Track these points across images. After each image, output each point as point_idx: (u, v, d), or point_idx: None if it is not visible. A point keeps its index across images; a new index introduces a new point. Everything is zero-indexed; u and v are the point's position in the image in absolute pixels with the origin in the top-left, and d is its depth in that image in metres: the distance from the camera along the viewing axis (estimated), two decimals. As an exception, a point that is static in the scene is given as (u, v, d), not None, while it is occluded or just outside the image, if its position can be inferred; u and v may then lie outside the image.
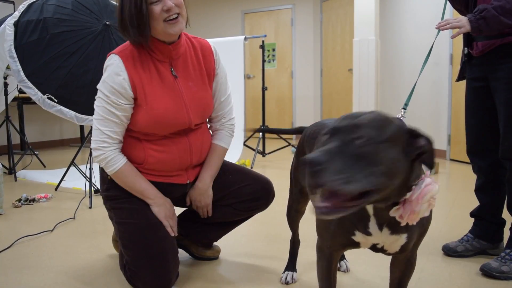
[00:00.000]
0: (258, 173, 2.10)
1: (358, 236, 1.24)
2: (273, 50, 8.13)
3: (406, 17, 6.00)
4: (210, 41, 2.00)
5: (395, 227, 1.19)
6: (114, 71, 1.74)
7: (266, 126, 6.17)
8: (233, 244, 2.45)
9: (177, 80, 1.84)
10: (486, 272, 1.95)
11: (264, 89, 5.49)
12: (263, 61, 5.55)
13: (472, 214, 2.28)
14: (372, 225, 1.20)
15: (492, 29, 1.86)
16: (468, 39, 2.13)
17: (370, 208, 1.17)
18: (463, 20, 1.90)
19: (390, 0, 6.31)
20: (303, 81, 8.00)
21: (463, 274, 2.01)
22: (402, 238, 1.22)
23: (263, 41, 5.48)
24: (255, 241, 2.50)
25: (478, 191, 2.23)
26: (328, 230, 1.29)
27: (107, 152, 1.78)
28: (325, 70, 7.73)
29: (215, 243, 2.26)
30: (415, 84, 1.87)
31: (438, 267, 2.11)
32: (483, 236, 2.20)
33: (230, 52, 4.91)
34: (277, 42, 8.10)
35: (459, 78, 2.25)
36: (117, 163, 1.78)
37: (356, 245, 1.28)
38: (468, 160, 2.20)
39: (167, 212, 1.85)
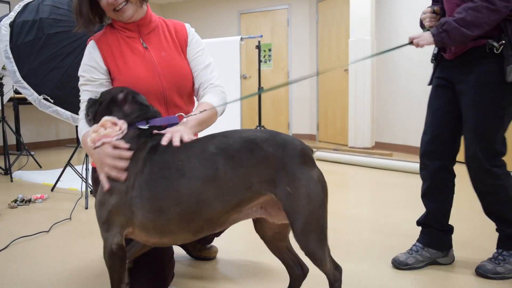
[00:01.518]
0: None
1: None
2: (269, 50, 8.14)
3: (402, 18, 6.02)
4: (206, 41, 2.05)
5: None
6: (87, 51, 1.89)
7: (262, 126, 6.17)
8: (230, 243, 2.45)
9: (148, 50, 1.89)
10: (482, 275, 1.95)
11: (260, 89, 5.50)
12: (259, 61, 5.56)
13: (418, 223, 2.21)
14: None
15: (455, 41, 1.84)
16: None
17: None
18: (426, 35, 1.91)
19: (385, 1, 6.33)
20: (299, 82, 8.01)
21: (457, 278, 2.00)
22: None
23: (259, 42, 5.49)
24: (251, 241, 2.50)
25: (424, 197, 2.16)
26: None
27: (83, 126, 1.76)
28: (321, 70, 7.75)
29: (212, 244, 2.27)
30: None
31: (433, 273, 2.12)
32: (432, 245, 2.12)
33: (226, 53, 4.92)
34: (273, 43, 8.11)
35: (431, 82, 2.20)
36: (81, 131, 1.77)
37: None
38: (464, 160, 2.13)
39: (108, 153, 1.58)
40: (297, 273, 1.71)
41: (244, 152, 1.41)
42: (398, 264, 2.10)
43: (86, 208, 3.23)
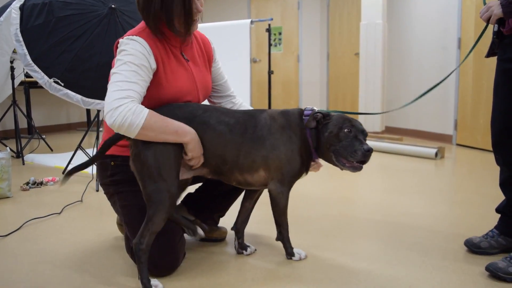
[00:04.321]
0: None
1: (304, 173, 1.92)
2: (280, 34, 8.08)
3: (414, 1, 5.93)
4: (216, 24, 2.11)
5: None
6: (137, 46, 1.75)
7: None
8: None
9: (189, 63, 1.96)
10: (492, 272, 1.81)
11: (270, 73, 5.47)
12: (269, 45, 5.51)
13: (497, 210, 2.11)
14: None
15: None
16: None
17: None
18: (494, 5, 1.80)
19: (398, -17, 6.23)
20: (309, 65, 7.96)
21: (465, 274, 1.97)
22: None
23: (269, 25, 5.43)
24: (261, 223, 2.51)
25: (503, 186, 2.04)
26: (297, 169, 1.86)
27: (130, 103, 1.62)
28: (332, 54, 7.69)
29: (220, 225, 2.29)
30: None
31: (439, 264, 2.12)
32: (509, 233, 2.03)
33: (236, 36, 4.88)
34: (283, 26, 8.04)
35: (489, 54, 2.02)
36: (143, 110, 1.64)
37: (299, 178, 1.92)
38: (474, 145, 2.07)
39: (200, 150, 1.78)
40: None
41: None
42: (471, 246, 2.07)
43: (97, 190, 3.26)
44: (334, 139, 1.79)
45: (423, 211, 2.75)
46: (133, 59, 1.72)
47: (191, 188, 2.14)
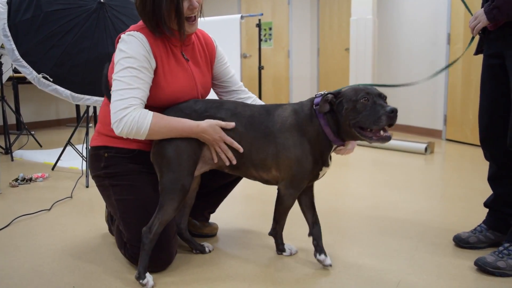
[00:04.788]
0: None
1: (323, 170, 1.82)
2: (270, 29, 8.07)
3: (404, -4, 5.94)
4: (206, 20, 2.08)
5: (330, 159, 1.83)
6: (136, 45, 1.75)
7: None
8: (229, 222, 2.47)
9: (189, 63, 1.94)
10: (480, 267, 1.82)
11: (260, 68, 5.47)
12: (260, 40, 5.51)
13: (485, 204, 2.12)
14: (328, 159, 1.81)
15: (509, 16, 1.75)
16: None
17: (333, 147, 1.80)
18: (479, 14, 1.83)
19: (388, -21, 6.24)
20: (299, 61, 7.96)
21: (454, 268, 1.95)
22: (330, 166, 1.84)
23: (259, 20, 5.43)
24: (251, 219, 2.52)
25: (491, 180, 2.07)
26: (308, 171, 1.76)
27: (133, 112, 1.68)
28: (322, 50, 7.69)
29: (211, 221, 2.29)
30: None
31: (428, 258, 2.13)
32: (497, 228, 2.05)
33: (226, 31, 4.87)
34: (273, 21, 8.03)
35: (477, 52, 2.04)
36: (147, 116, 1.70)
37: (317, 178, 1.85)
38: (464, 140, 2.08)
39: (219, 133, 1.77)
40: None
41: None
42: (459, 242, 2.08)
43: (87, 186, 3.24)
44: (353, 113, 1.66)
45: (413, 205, 2.77)
46: (132, 62, 1.72)
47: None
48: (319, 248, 1.89)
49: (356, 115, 1.66)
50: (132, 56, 1.73)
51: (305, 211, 1.95)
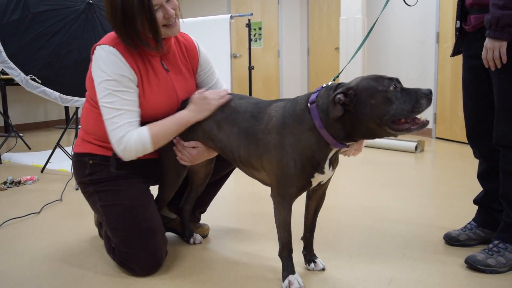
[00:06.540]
0: None
1: (315, 177, 1.59)
2: (260, 29, 8.06)
3: (393, -5, 5.97)
4: (196, 20, 2.04)
5: (333, 164, 1.64)
6: (115, 62, 1.69)
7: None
8: (221, 223, 2.46)
9: (169, 74, 1.88)
10: (471, 265, 1.82)
11: (250, 68, 5.46)
12: (250, 40, 5.51)
13: (475, 202, 2.12)
14: (326, 165, 1.59)
15: None
16: (462, 12, 1.93)
17: (333, 151, 1.57)
18: (489, 44, 1.72)
19: (376, -22, 6.27)
20: (290, 60, 7.97)
21: (445, 266, 1.99)
22: (333, 172, 1.66)
23: (249, 20, 5.42)
24: (242, 220, 2.51)
25: (481, 177, 2.08)
26: (291, 177, 1.56)
27: (130, 136, 1.69)
28: (312, 49, 7.70)
29: (203, 222, 2.28)
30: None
31: (419, 256, 2.14)
32: (488, 225, 2.05)
33: (216, 31, 4.85)
34: (263, 21, 8.03)
35: (454, 53, 2.04)
36: (143, 132, 1.71)
37: (309, 186, 1.62)
38: (453, 138, 2.09)
39: (216, 100, 1.79)
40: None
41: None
42: (450, 240, 2.08)
43: (77, 189, 3.21)
44: (384, 106, 1.42)
45: (404, 204, 2.78)
46: (115, 85, 1.69)
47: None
48: (308, 257, 1.87)
49: (389, 107, 1.42)
50: (113, 78, 1.68)
51: (306, 215, 1.85)
